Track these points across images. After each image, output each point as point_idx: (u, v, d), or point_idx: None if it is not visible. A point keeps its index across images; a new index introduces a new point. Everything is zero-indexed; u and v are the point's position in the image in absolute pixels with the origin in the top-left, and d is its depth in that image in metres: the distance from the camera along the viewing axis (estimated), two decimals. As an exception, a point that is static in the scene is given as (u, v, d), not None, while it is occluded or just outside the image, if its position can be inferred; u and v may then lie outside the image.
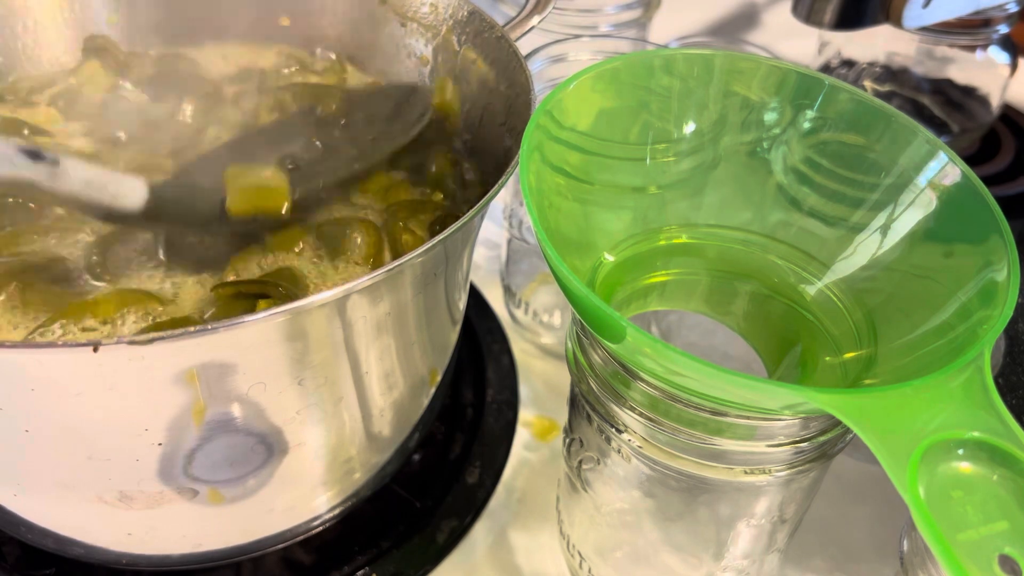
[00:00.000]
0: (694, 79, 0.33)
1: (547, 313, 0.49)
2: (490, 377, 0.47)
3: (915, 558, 0.29)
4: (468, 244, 0.35)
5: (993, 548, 0.21)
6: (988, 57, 0.61)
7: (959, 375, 0.23)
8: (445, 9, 0.42)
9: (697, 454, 0.29)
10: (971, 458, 0.22)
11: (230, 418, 0.29)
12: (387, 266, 0.26)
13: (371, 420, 0.34)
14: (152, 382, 0.26)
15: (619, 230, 0.33)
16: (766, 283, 0.33)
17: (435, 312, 0.34)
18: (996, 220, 0.27)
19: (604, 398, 0.30)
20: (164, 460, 0.29)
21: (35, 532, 0.33)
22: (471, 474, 0.43)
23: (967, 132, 0.64)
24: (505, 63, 0.38)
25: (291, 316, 0.26)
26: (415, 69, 0.44)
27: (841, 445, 0.29)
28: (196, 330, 0.24)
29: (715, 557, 0.33)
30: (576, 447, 0.34)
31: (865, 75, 0.65)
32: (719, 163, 0.33)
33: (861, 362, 0.29)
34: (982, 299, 0.26)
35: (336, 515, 0.37)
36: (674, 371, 0.26)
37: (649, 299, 0.34)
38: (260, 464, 0.31)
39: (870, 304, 0.30)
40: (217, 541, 0.34)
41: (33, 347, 0.25)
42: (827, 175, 0.32)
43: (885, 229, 0.31)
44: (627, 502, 0.33)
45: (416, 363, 0.35)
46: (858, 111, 0.31)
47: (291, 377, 0.29)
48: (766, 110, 0.33)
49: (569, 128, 0.31)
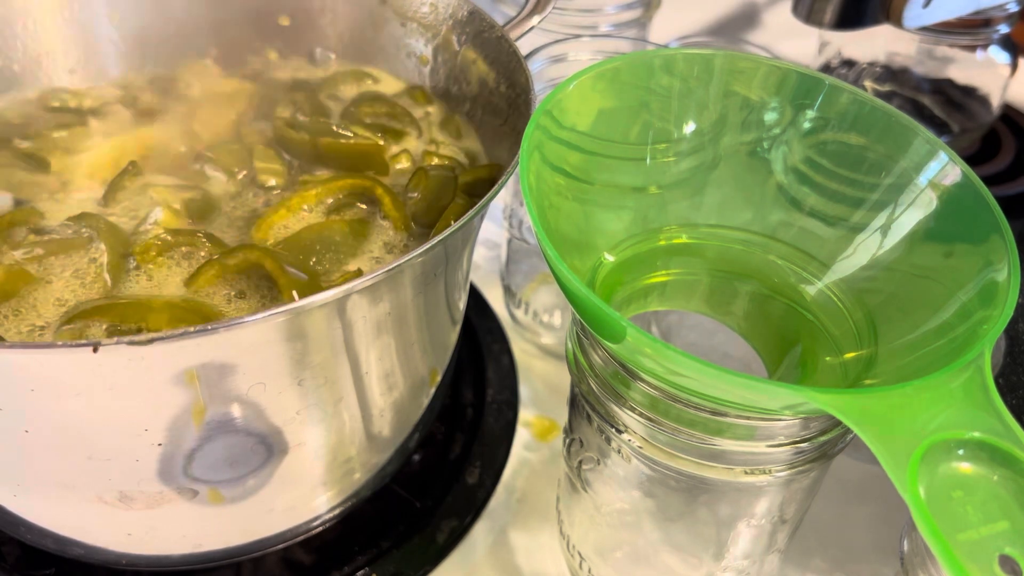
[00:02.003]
0: (694, 79, 0.32)
1: (547, 313, 0.49)
2: (490, 377, 0.47)
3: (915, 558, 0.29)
4: (468, 244, 0.35)
5: (993, 548, 0.21)
6: (988, 57, 0.61)
7: (959, 375, 0.23)
8: (445, 9, 0.42)
9: (697, 454, 0.28)
10: (971, 458, 0.22)
11: (230, 418, 0.29)
12: (387, 266, 0.26)
13: (371, 420, 0.34)
14: (152, 382, 0.26)
15: (619, 230, 0.33)
16: (766, 283, 0.33)
17: (435, 312, 0.34)
18: (996, 220, 0.27)
19: (604, 398, 0.30)
20: (164, 460, 0.29)
21: (35, 532, 0.33)
22: (471, 474, 0.43)
23: (967, 132, 0.64)
24: (505, 63, 0.38)
25: (291, 316, 0.26)
26: (415, 69, 0.44)
27: (841, 445, 0.29)
28: (196, 330, 0.24)
29: (715, 557, 0.33)
30: (576, 447, 0.34)
31: (865, 75, 0.65)
32: (719, 163, 0.33)
33: (861, 362, 0.29)
34: (982, 299, 0.26)
35: (336, 515, 0.37)
36: (674, 371, 0.26)
37: (649, 299, 0.34)
38: (260, 464, 0.31)
39: (870, 304, 0.30)
40: (217, 541, 0.34)
41: (33, 347, 0.25)
42: (827, 175, 0.32)
43: (885, 229, 0.31)
44: (627, 502, 0.33)
45: (416, 363, 0.35)
46: (858, 111, 0.31)
47: (291, 377, 0.29)
48: (766, 110, 0.33)
49: (569, 128, 0.31)
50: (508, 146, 0.37)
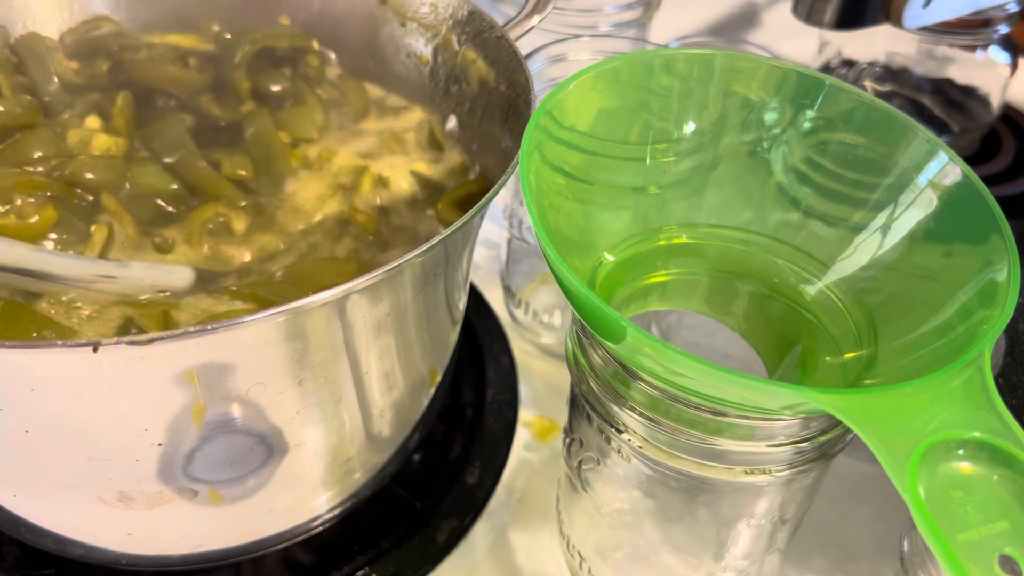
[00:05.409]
0: (694, 79, 0.32)
1: (547, 313, 0.49)
2: (490, 377, 0.47)
3: (915, 558, 0.29)
4: (468, 244, 0.35)
5: (993, 548, 0.21)
6: (988, 57, 0.61)
7: (959, 375, 0.23)
8: (445, 9, 0.42)
9: (697, 454, 0.28)
10: (971, 458, 0.22)
11: (230, 418, 0.29)
12: (387, 266, 0.26)
13: (371, 420, 0.34)
14: (152, 382, 0.26)
15: (619, 230, 0.33)
16: (766, 283, 0.33)
17: (435, 312, 0.34)
18: (996, 220, 0.27)
19: (604, 398, 0.30)
20: (164, 460, 0.29)
21: (35, 532, 0.33)
22: (471, 474, 0.43)
23: (967, 132, 0.64)
24: (505, 63, 0.38)
25: (291, 316, 0.26)
26: (415, 69, 0.44)
27: (841, 445, 0.29)
28: (196, 330, 0.24)
29: (715, 557, 0.33)
30: (576, 447, 0.34)
31: (865, 75, 0.65)
32: (719, 163, 0.33)
33: (861, 362, 0.29)
34: (982, 299, 0.26)
35: (336, 515, 0.37)
36: (674, 371, 0.26)
37: (649, 299, 0.34)
38: (260, 464, 0.31)
39: (870, 304, 0.30)
40: (217, 541, 0.34)
41: (33, 347, 0.25)
42: (827, 175, 0.32)
43: (885, 229, 0.31)
44: (627, 502, 0.33)
45: (416, 363, 0.35)
46: (858, 111, 0.31)
47: (291, 377, 0.29)
48: (766, 110, 0.33)
49: (569, 128, 0.31)
50: (507, 147, 0.37)
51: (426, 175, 0.41)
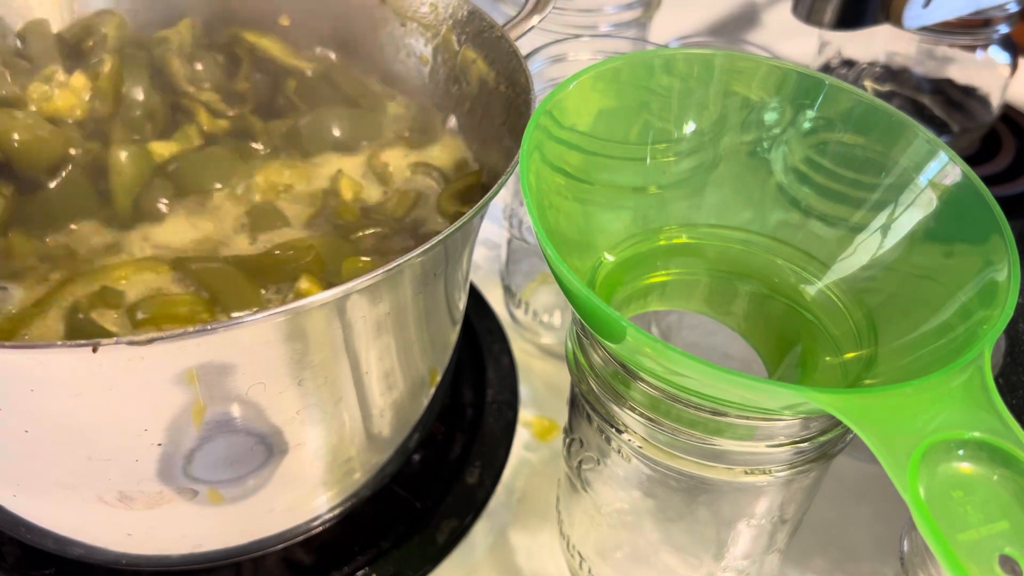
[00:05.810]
0: (694, 79, 0.32)
1: (547, 313, 0.49)
2: (490, 377, 0.47)
3: (915, 558, 0.29)
4: (468, 244, 0.35)
5: (993, 548, 0.21)
6: (988, 57, 0.61)
7: (959, 375, 0.23)
8: (445, 9, 0.42)
9: (697, 454, 0.28)
10: (971, 458, 0.22)
11: (230, 418, 0.29)
12: (387, 266, 0.26)
13: (371, 420, 0.34)
14: (152, 382, 0.26)
15: (619, 230, 0.33)
16: (766, 283, 0.33)
17: (435, 312, 0.34)
18: (996, 220, 0.27)
19: (604, 398, 0.30)
20: (164, 460, 0.29)
21: (35, 532, 0.33)
22: (471, 474, 0.43)
23: (967, 132, 0.64)
24: (505, 63, 0.38)
25: (291, 316, 0.26)
26: (415, 69, 0.44)
27: (841, 445, 0.29)
28: (195, 330, 0.24)
29: (715, 557, 0.33)
30: (576, 447, 0.34)
31: (865, 75, 0.65)
32: (719, 163, 0.33)
33: (861, 362, 0.29)
34: (982, 299, 0.26)
35: (336, 515, 0.37)
36: (674, 371, 0.26)
37: (649, 299, 0.34)
38: (260, 464, 0.31)
39: (870, 304, 0.30)
40: (217, 541, 0.34)
41: (33, 347, 0.25)
42: (827, 175, 0.32)
43: (885, 229, 0.31)
44: (627, 502, 0.33)
45: (416, 363, 0.35)
46: (858, 111, 0.31)
47: (291, 377, 0.29)
48: (766, 110, 0.33)
49: (569, 128, 0.31)
50: (507, 146, 0.37)
51: (434, 164, 0.41)
